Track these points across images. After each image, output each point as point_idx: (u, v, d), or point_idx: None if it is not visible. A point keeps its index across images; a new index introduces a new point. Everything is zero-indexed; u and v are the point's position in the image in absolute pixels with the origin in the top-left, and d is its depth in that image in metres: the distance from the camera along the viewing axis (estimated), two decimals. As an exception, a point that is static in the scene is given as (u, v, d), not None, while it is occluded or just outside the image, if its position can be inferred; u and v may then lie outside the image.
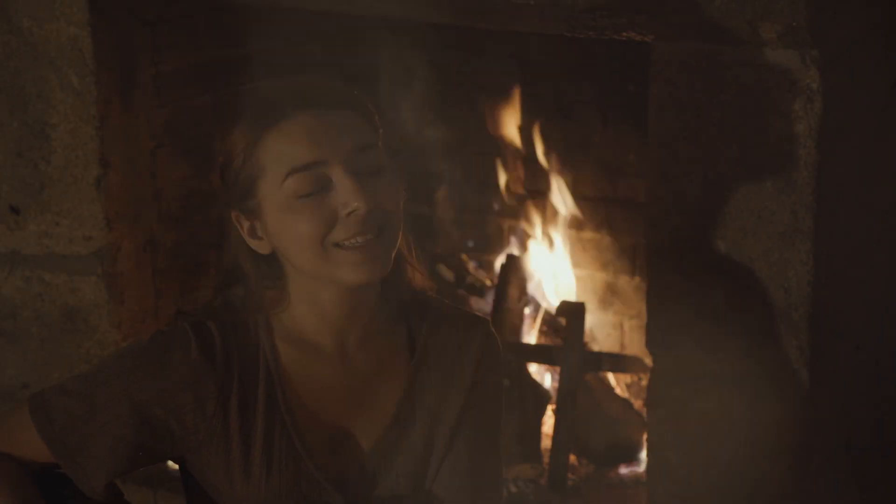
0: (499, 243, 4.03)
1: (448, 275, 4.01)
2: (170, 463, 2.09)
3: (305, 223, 1.91)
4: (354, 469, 2.02)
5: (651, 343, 2.92)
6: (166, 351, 1.97)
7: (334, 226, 1.90)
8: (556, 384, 3.61)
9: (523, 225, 3.97)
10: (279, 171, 1.91)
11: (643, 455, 3.37)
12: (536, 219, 3.95)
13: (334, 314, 1.99)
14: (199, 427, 1.97)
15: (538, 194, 3.94)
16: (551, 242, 3.90)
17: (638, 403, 3.69)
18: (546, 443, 3.58)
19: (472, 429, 2.05)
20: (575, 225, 3.91)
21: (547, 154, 3.87)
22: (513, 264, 3.78)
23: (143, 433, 1.97)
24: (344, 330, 2.01)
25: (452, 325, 2.07)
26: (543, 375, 3.73)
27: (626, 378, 3.80)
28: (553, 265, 3.89)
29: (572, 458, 3.52)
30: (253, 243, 1.98)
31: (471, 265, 4.07)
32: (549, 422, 3.62)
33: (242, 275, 2.01)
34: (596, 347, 3.86)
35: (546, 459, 3.52)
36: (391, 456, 2.03)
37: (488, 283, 4.00)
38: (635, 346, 3.81)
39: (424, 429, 2.04)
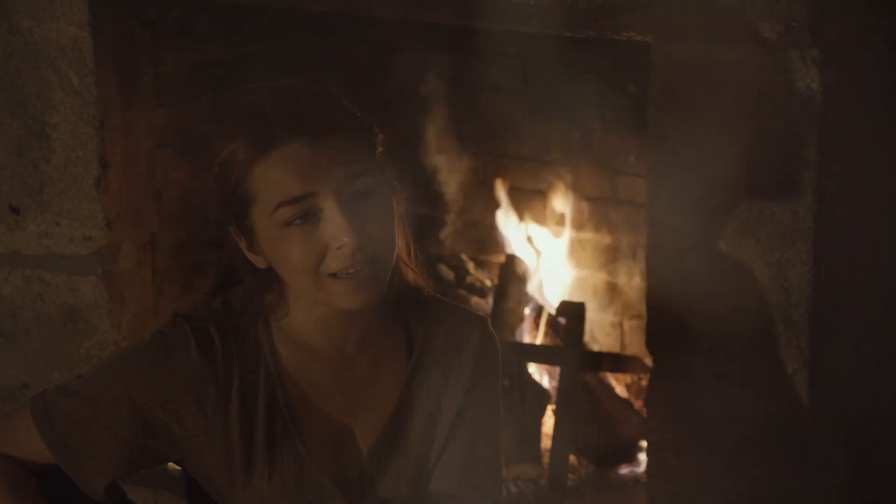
0: (499, 243, 4.03)
1: (448, 275, 4.01)
2: (170, 463, 2.09)
3: (296, 252, 1.91)
4: (355, 469, 2.03)
5: (651, 343, 2.92)
6: (166, 353, 1.97)
7: (325, 256, 1.91)
8: (556, 384, 3.61)
9: (523, 224, 3.97)
10: (270, 200, 1.91)
11: (643, 455, 3.37)
12: (536, 218, 3.95)
13: (333, 322, 2.00)
14: (199, 429, 1.98)
15: (539, 194, 3.94)
16: (551, 242, 3.91)
17: (638, 403, 3.69)
18: (546, 443, 3.58)
19: (469, 428, 2.06)
20: (575, 225, 3.91)
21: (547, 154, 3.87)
22: (513, 264, 3.77)
23: (143, 435, 1.97)
24: (343, 335, 2.02)
25: (450, 324, 2.07)
26: (543, 375, 3.73)
27: (626, 378, 3.80)
28: (553, 265, 3.90)
29: (572, 458, 3.52)
30: (251, 257, 1.98)
31: (471, 265, 4.07)
32: (549, 422, 3.62)
33: (241, 282, 2.02)
34: (596, 347, 3.86)
35: (546, 459, 3.52)
36: (390, 455, 2.04)
37: (488, 283, 4.01)
38: (635, 346, 3.81)
39: (423, 428, 2.05)
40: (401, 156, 2.05)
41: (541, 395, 3.62)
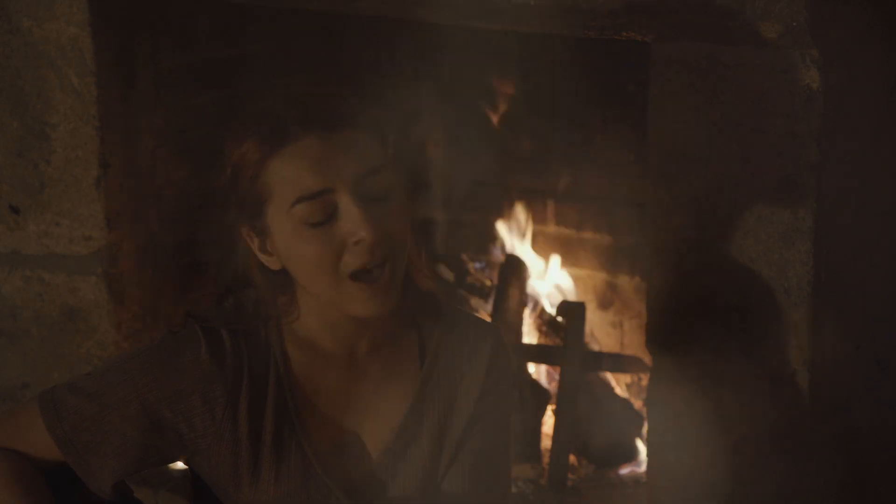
0: (499, 243, 4.03)
1: (448, 275, 4.01)
2: (173, 463, 2.09)
3: (314, 250, 1.90)
4: (362, 474, 2.03)
5: (651, 343, 2.92)
6: (176, 353, 1.97)
7: (342, 253, 1.89)
8: (556, 384, 3.61)
9: (523, 224, 3.97)
10: (287, 197, 1.90)
11: (643, 455, 3.37)
12: (536, 218, 3.95)
13: (344, 327, 1.99)
14: (207, 430, 1.97)
15: (539, 194, 3.94)
16: (550, 242, 3.90)
17: (638, 403, 3.68)
18: (546, 443, 3.58)
19: (479, 438, 2.05)
20: (575, 225, 3.91)
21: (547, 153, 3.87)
22: (513, 264, 3.77)
23: (152, 435, 1.97)
24: (354, 339, 2.01)
25: (463, 333, 2.07)
26: (543, 375, 3.73)
27: (626, 378, 3.80)
28: (553, 265, 3.90)
29: (572, 458, 3.52)
30: (263, 258, 1.97)
31: (471, 265, 4.07)
32: (549, 422, 3.62)
33: (252, 285, 2.01)
34: (596, 347, 3.85)
35: (546, 459, 3.52)
36: (399, 462, 2.03)
37: (488, 283, 4.00)
38: (635, 346, 3.80)
39: (432, 436, 2.04)
40: (400, 156, 2.05)
41: (541, 395, 3.62)
